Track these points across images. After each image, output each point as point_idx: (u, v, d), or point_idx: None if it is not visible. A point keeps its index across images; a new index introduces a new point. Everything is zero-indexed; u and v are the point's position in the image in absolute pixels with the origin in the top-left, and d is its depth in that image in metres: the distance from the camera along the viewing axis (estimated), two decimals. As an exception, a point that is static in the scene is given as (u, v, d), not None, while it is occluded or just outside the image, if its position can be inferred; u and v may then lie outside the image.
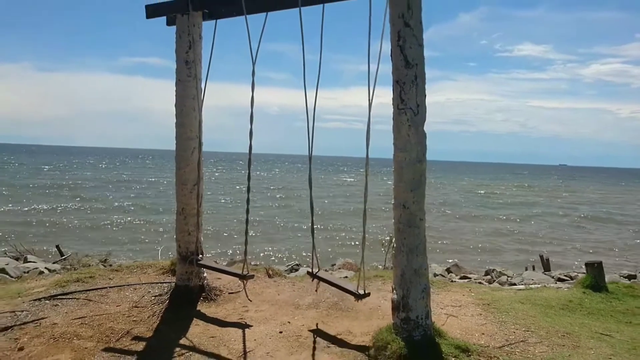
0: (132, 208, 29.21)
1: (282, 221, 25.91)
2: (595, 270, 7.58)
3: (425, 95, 4.48)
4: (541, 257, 14.49)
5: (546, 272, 12.84)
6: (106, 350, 4.55)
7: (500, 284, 10.66)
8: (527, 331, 5.14)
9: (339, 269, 11.43)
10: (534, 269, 13.84)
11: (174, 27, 5.92)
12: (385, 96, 4.73)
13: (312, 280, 5.66)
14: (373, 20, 4.48)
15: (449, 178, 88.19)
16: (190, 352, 4.53)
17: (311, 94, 5.02)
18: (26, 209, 27.08)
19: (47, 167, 74.59)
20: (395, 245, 4.54)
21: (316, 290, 5.89)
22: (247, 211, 5.54)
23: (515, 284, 10.09)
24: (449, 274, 13.01)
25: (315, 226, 5.47)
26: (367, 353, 4.44)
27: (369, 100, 4.65)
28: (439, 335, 4.49)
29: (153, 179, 54.36)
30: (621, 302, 6.80)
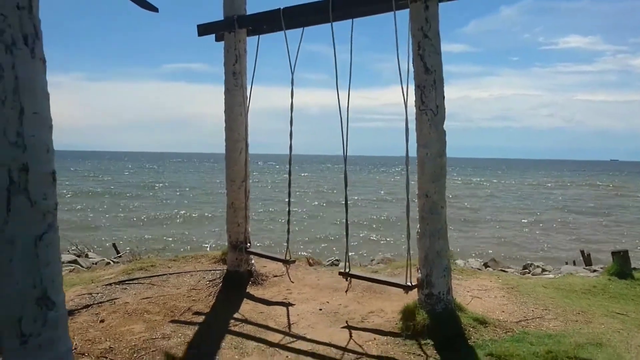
0: (194, 214, 30.37)
1: (326, 220, 26.51)
2: (621, 258, 7.89)
3: (444, 98, 5.05)
4: (582, 252, 14.55)
5: (587, 267, 12.92)
6: (172, 322, 5.34)
7: (533, 275, 10.98)
8: (545, 310, 5.61)
9: (378, 263, 12.02)
10: (574, 264, 13.95)
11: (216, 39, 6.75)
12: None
13: (347, 280, 5.77)
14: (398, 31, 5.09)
15: (506, 176, 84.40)
16: (243, 324, 5.28)
17: (352, 95, 5.61)
18: (90, 214, 28.77)
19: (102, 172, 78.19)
20: (419, 231, 5.13)
21: (346, 292, 6.04)
22: (289, 203, 6.27)
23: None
24: (486, 268, 13.32)
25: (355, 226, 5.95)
26: (395, 324, 5.05)
27: (404, 101, 5.16)
28: (460, 310, 5.06)
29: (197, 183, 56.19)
30: (645, 289, 7.10)
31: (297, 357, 4.40)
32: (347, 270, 5.68)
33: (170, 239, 20.57)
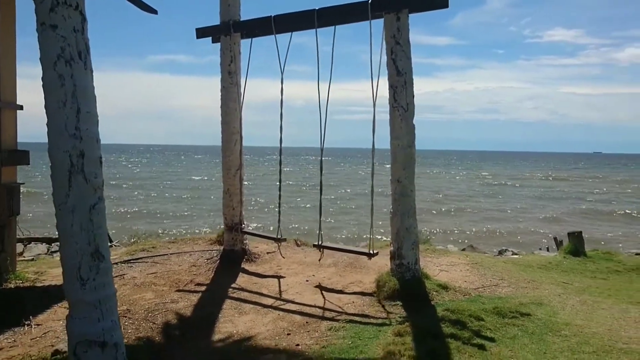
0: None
1: (310, 207, 27.39)
2: (575, 238, 8.84)
3: (413, 96, 5.86)
4: (555, 238, 15.56)
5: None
6: (178, 291, 6.12)
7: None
8: (501, 279, 6.50)
9: (364, 246, 12.87)
10: (548, 250, 14.94)
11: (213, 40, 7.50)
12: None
13: (320, 251, 6.80)
14: (374, 39, 5.90)
15: (499, 168, 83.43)
16: (240, 291, 6.09)
17: (334, 87, 6.37)
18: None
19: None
20: (392, 211, 5.97)
21: (319, 260, 7.07)
22: (280, 189, 7.07)
23: (516, 257, 11.29)
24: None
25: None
26: (372, 292, 5.89)
27: (373, 99, 6.04)
28: (426, 278, 5.92)
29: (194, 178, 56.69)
30: (595, 264, 8.06)
31: (286, 315, 5.22)
32: (320, 242, 6.64)
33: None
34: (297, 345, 4.42)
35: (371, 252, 6.21)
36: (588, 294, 6.04)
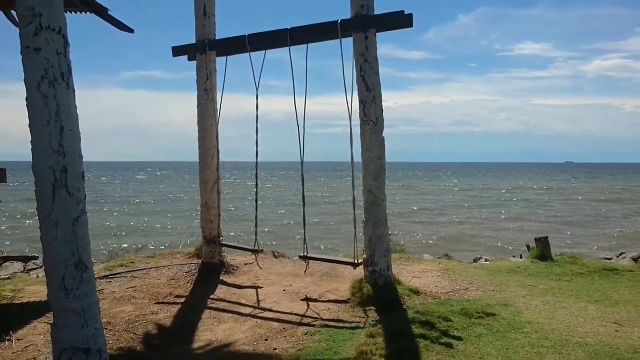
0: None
1: (289, 220, 27.52)
2: (542, 243, 9.23)
3: (382, 110, 6.16)
4: (527, 246, 16.00)
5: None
6: (157, 303, 6.24)
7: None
8: (470, 284, 6.79)
9: (344, 256, 13.08)
10: (521, 257, 15.37)
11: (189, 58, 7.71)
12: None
13: (305, 262, 6.98)
14: (346, 56, 6.20)
15: (493, 181, 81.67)
16: (219, 302, 6.24)
17: (312, 101, 6.57)
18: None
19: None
20: (364, 219, 6.22)
21: (305, 271, 7.23)
22: (256, 200, 7.27)
23: (488, 264, 11.64)
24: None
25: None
26: (347, 298, 6.11)
27: (349, 113, 6.27)
28: (398, 283, 6.18)
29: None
30: (560, 268, 8.43)
31: (264, 322, 5.41)
32: (305, 253, 6.78)
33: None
34: (275, 349, 4.60)
35: (356, 261, 6.32)
36: (551, 295, 6.37)
